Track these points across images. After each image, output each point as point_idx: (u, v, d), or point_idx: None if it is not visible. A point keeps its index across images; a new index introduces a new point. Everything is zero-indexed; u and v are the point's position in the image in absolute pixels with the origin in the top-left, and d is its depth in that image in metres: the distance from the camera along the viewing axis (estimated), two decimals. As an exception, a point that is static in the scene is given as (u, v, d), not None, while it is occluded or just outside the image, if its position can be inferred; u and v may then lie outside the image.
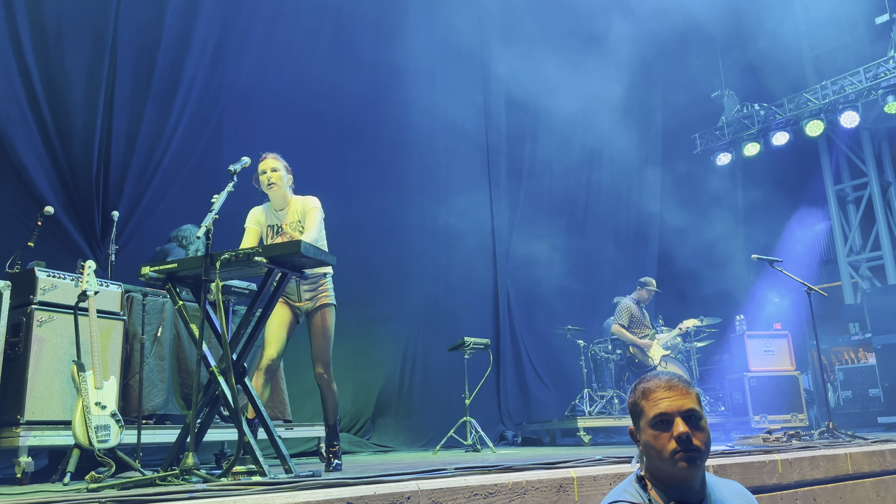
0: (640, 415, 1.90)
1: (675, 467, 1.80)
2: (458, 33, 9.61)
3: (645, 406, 1.89)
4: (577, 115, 10.69)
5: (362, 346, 8.20)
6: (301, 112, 7.89)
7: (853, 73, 10.79)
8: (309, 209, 4.14)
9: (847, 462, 4.09)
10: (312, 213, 4.12)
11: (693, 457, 1.79)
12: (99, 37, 6.36)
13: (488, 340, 7.02)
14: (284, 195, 4.17)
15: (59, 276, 4.40)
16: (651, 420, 1.85)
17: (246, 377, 3.41)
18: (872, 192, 11.83)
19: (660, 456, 1.82)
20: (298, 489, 2.25)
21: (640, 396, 1.91)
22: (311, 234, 4.00)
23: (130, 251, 5.97)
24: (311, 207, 4.15)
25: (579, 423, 7.60)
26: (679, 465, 1.79)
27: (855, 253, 12.11)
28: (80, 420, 3.74)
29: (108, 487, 2.79)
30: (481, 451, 6.43)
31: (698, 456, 1.80)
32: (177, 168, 6.83)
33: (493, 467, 2.90)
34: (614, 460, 3.26)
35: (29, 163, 5.78)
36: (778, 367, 7.95)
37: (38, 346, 4.19)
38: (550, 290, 10.14)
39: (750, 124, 11.71)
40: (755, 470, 3.58)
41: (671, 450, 1.80)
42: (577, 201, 11.33)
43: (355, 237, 8.10)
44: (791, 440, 5.13)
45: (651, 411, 1.86)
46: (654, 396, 1.87)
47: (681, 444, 1.79)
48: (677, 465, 1.79)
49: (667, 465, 1.81)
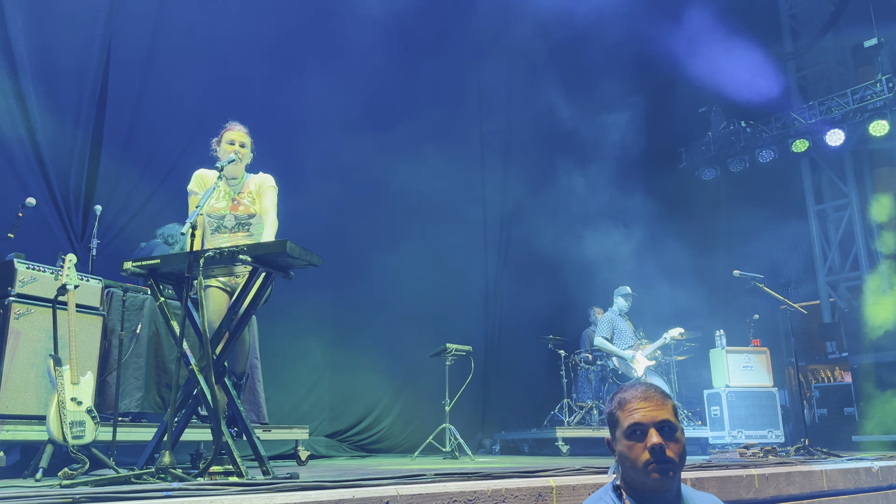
0: (616, 425, 1.91)
1: (648, 478, 1.81)
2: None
3: (620, 416, 1.90)
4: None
5: (341, 350, 8.16)
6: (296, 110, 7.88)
7: (840, 95, 10.94)
8: (266, 188, 4.07)
9: (822, 479, 4.12)
10: (269, 193, 4.06)
11: (666, 468, 1.80)
12: (90, 28, 6.31)
13: (470, 347, 7.01)
14: (241, 169, 4.10)
15: (38, 269, 4.34)
16: (626, 430, 1.86)
17: (226, 376, 3.38)
18: (853, 212, 11.98)
19: (633, 466, 1.83)
20: (276, 491, 2.23)
21: (616, 406, 1.93)
22: (271, 218, 3.95)
23: (115, 247, 5.91)
24: (269, 186, 4.08)
25: (558, 433, 7.61)
26: (652, 475, 1.80)
27: (834, 273, 12.25)
28: (54, 415, 3.68)
29: (81, 484, 2.75)
30: (460, 458, 6.41)
31: (671, 467, 1.81)
32: (165, 164, 6.77)
33: (473, 474, 2.89)
34: (593, 470, 3.26)
35: (13, 154, 5.71)
36: (756, 382, 8.00)
37: (15, 339, 4.12)
38: (535, 299, 10.16)
39: (736, 141, 11.83)
40: (732, 484, 3.60)
41: (644, 460, 1.81)
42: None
43: (338, 238, 8.10)
44: (767, 455, 5.17)
45: (626, 421, 1.87)
46: (629, 407, 1.88)
47: (654, 455, 1.80)
48: (650, 475, 1.80)
49: (640, 475, 1.82)
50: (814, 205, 12.52)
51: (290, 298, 6.98)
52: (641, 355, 7.66)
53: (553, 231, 10.45)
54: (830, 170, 12.35)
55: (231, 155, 3.93)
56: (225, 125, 4.16)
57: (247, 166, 4.17)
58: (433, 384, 7.77)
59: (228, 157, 3.91)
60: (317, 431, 7.57)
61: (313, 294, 7.59)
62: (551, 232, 10.45)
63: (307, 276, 5.79)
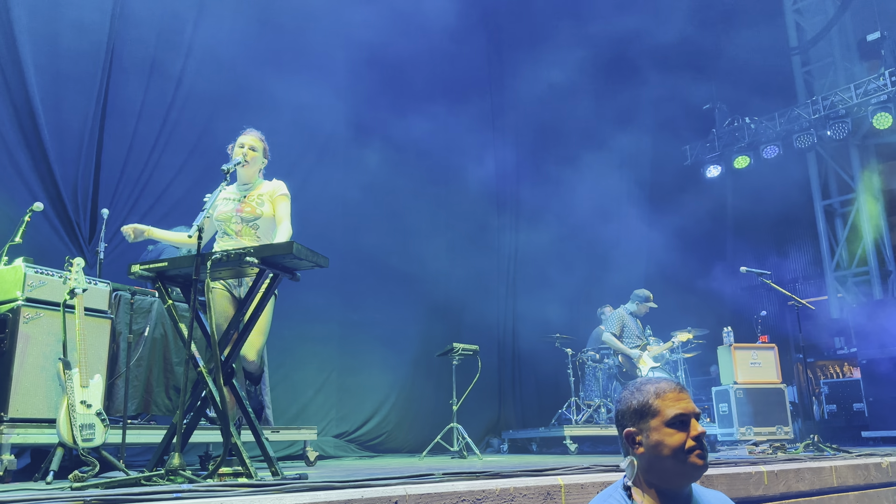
0: (653, 414, 1.91)
1: (687, 464, 1.85)
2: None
3: (660, 405, 1.90)
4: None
5: (351, 350, 8.18)
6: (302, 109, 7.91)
7: (844, 90, 10.90)
8: (278, 196, 4.06)
9: (832, 475, 4.11)
10: (282, 202, 4.05)
11: (706, 455, 1.87)
12: (97, 32, 6.34)
13: (477, 347, 7.01)
14: (253, 174, 4.09)
15: (46, 273, 4.36)
16: (669, 419, 1.88)
17: (234, 378, 3.39)
18: (860, 207, 11.94)
19: (675, 454, 1.85)
20: (285, 492, 2.24)
21: (653, 396, 1.92)
22: (285, 227, 3.95)
23: (122, 250, 5.93)
24: (281, 195, 4.06)
25: (566, 431, 7.60)
26: (694, 461, 1.85)
27: (842, 268, 12.21)
28: (65, 418, 3.70)
29: (92, 487, 2.76)
30: (468, 457, 6.42)
31: (707, 456, 1.88)
32: (171, 167, 6.80)
33: (481, 473, 2.89)
34: (602, 468, 3.26)
35: (20, 159, 5.74)
36: (764, 379, 7.97)
37: (24, 342, 4.15)
38: (544, 297, 10.16)
39: (741, 137, 11.80)
40: (741, 481, 3.59)
41: (689, 447, 1.85)
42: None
43: (352, 237, 8.12)
44: (776, 452, 5.15)
45: (669, 410, 1.89)
46: (669, 396, 1.91)
47: (698, 442, 1.86)
48: (690, 461, 1.85)
49: (680, 463, 1.85)
50: (820, 200, 12.48)
51: (297, 299, 7.00)
52: (647, 356, 7.62)
53: (560, 230, 10.47)
54: (837, 165, 12.31)
55: (237, 157, 3.94)
56: (241, 130, 4.16)
57: (263, 173, 4.18)
58: (441, 383, 7.79)
59: (234, 159, 3.92)
60: (325, 432, 7.58)
61: (319, 294, 7.60)
62: (559, 230, 10.47)
63: (314, 276, 5.80)
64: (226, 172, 3.58)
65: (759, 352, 8.10)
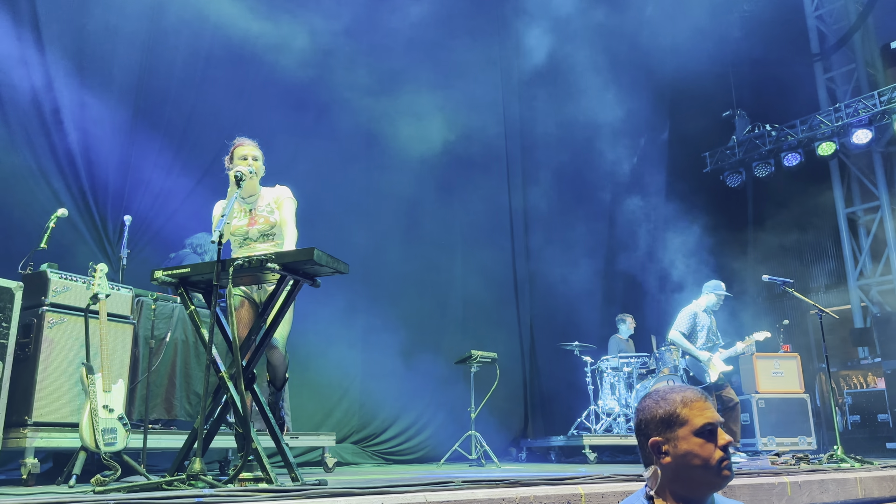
0: (681, 423, 1.86)
1: (719, 476, 1.83)
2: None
3: (688, 414, 1.86)
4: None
5: (368, 356, 8.18)
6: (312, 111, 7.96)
7: (868, 97, 10.78)
8: (283, 199, 4.05)
9: (857, 486, 4.04)
10: (287, 205, 4.04)
11: (732, 465, 1.86)
12: (131, 39, 6.44)
13: (495, 354, 7.00)
14: (255, 185, 4.05)
15: (71, 279, 4.42)
16: (698, 429, 1.84)
17: (255, 384, 3.41)
18: (884, 215, 11.77)
19: (705, 464, 1.82)
20: (305, 497, 2.25)
21: (679, 405, 1.88)
22: (291, 230, 3.95)
23: (145, 256, 6.00)
24: (286, 198, 4.06)
25: (585, 440, 7.55)
26: (724, 473, 1.83)
27: (865, 277, 12.04)
28: (87, 423, 3.74)
29: (114, 491, 2.79)
30: (486, 465, 6.40)
31: (733, 466, 1.87)
32: (194, 174, 6.87)
33: (501, 481, 2.88)
34: (623, 478, 3.23)
35: (46, 165, 5.83)
36: (787, 389, 7.88)
37: (48, 347, 4.20)
38: (564, 306, 10.13)
39: (761, 144, 11.70)
40: (764, 492, 3.54)
41: (718, 458, 1.82)
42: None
43: (371, 245, 8.15)
44: (799, 463, 5.08)
45: (698, 419, 1.85)
46: (696, 405, 1.87)
47: (726, 454, 1.84)
48: (722, 473, 1.82)
49: (710, 474, 1.83)
50: (843, 208, 12.32)
51: (320, 306, 7.02)
52: (719, 359, 7.00)
53: (578, 239, 10.43)
54: (860, 172, 12.16)
55: (240, 170, 3.72)
56: (233, 141, 4.09)
57: (261, 180, 4.12)
58: (460, 391, 7.77)
59: (238, 172, 3.71)
60: (344, 439, 7.59)
61: (342, 300, 7.61)
62: (577, 239, 10.43)
63: (334, 283, 5.82)
64: (238, 180, 3.60)
65: (782, 361, 8.01)
